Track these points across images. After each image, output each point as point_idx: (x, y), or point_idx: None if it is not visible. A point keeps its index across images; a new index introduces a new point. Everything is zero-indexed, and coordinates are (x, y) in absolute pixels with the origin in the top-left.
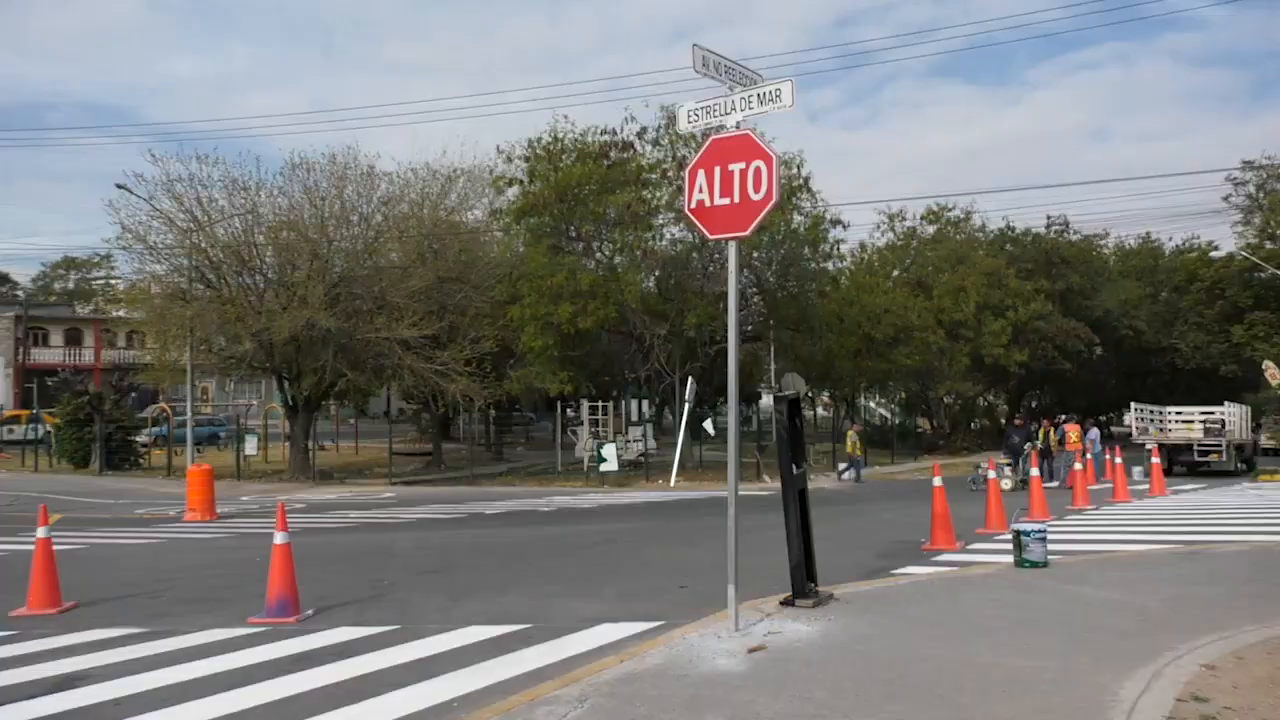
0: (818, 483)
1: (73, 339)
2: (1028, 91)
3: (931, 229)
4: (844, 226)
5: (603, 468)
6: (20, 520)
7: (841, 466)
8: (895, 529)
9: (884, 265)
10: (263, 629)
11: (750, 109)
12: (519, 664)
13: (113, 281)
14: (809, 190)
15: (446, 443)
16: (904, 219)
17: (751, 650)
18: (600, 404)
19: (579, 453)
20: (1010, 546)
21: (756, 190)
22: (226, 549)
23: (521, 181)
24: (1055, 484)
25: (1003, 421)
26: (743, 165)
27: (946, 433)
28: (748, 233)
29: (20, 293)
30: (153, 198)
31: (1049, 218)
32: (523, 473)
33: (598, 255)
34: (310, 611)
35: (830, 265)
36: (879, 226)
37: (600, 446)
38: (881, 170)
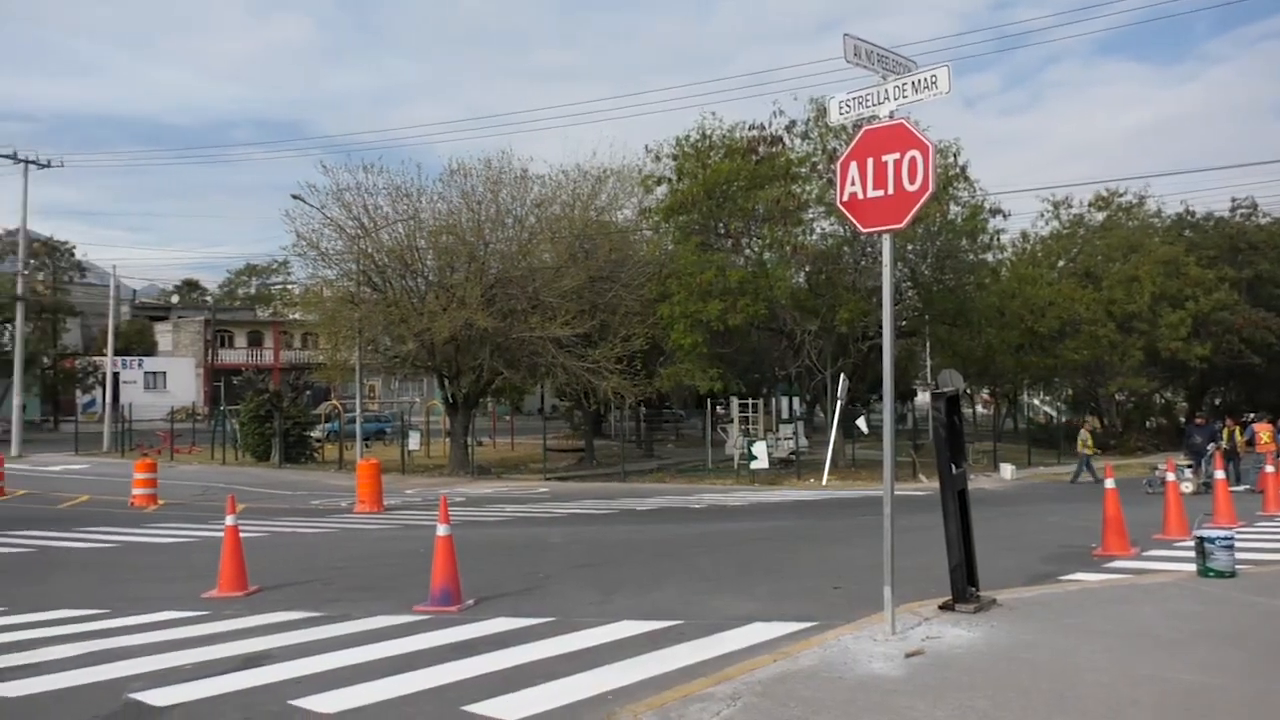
0: (978, 483)
1: (254, 341)
2: (1205, 66)
3: (1101, 216)
4: (1004, 216)
5: (753, 465)
6: (209, 509)
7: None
8: (1062, 533)
9: (1048, 255)
10: (427, 617)
11: (904, 97)
12: (671, 660)
13: (289, 286)
14: (966, 179)
15: (598, 439)
16: (1070, 206)
17: (909, 655)
18: (750, 401)
19: (729, 450)
20: (1192, 554)
21: (912, 181)
22: (393, 539)
23: (670, 180)
24: (1243, 488)
25: (1182, 420)
26: (897, 155)
27: (1118, 432)
28: (903, 225)
29: (209, 299)
30: (324, 206)
31: (1234, 200)
32: (673, 470)
33: (747, 251)
34: (471, 601)
35: (990, 256)
36: (1042, 215)
37: (751, 444)
38: (1044, 156)
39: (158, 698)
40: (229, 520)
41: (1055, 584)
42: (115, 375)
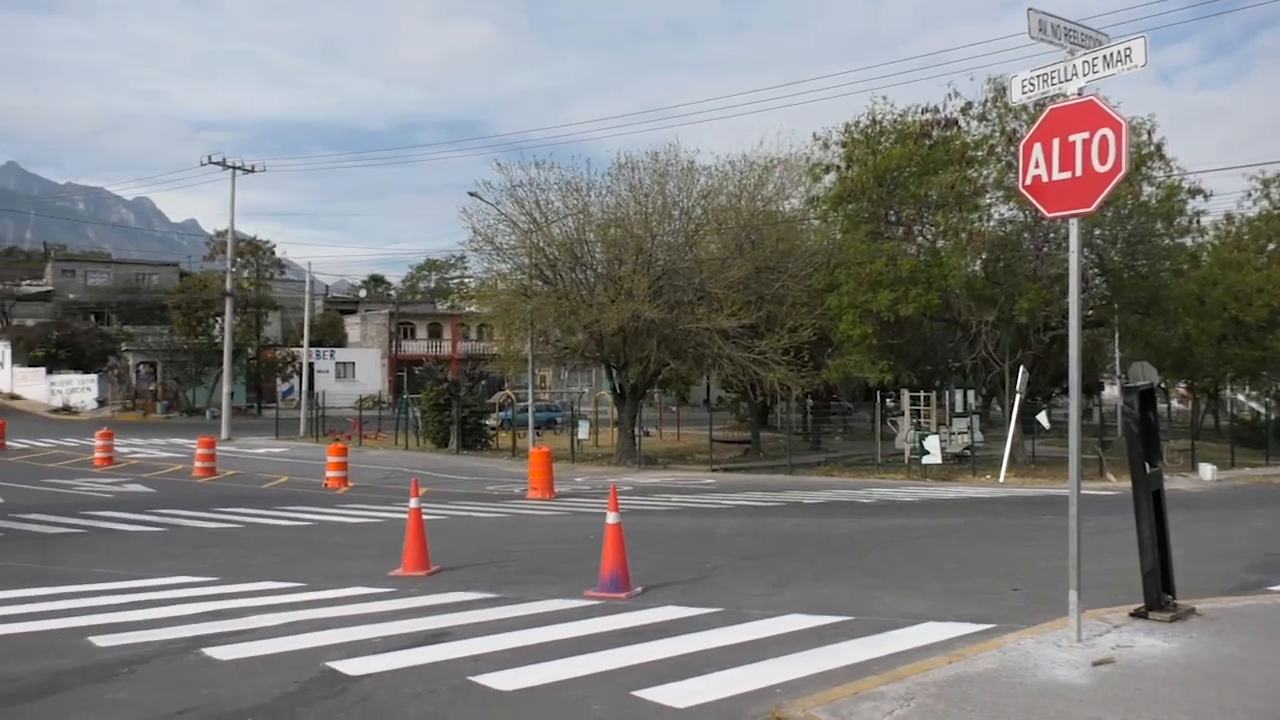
0: (1173, 483)
1: (434, 333)
2: None
3: None
4: (1205, 196)
5: (925, 460)
6: (394, 492)
7: None
8: (1272, 539)
9: (1256, 238)
10: (597, 602)
11: (1094, 73)
12: (840, 656)
13: (466, 280)
14: (1162, 157)
15: (764, 431)
16: None
17: (1097, 663)
18: (921, 394)
19: (899, 444)
20: None
21: (1102, 161)
22: (563, 525)
23: (838, 167)
24: None
25: None
26: (1086, 135)
27: None
28: (1092, 209)
29: (393, 293)
30: (498, 203)
31: None
32: (841, 463)
33: (919, 239)
34: (639, 589)
35: (1188, 240)
36: (1250, 194)
37: (922, 438)
38: (1252, 130)
39: (351, 667)
40: (413, 503)
41: (1264, 594)
42: (310, 365)
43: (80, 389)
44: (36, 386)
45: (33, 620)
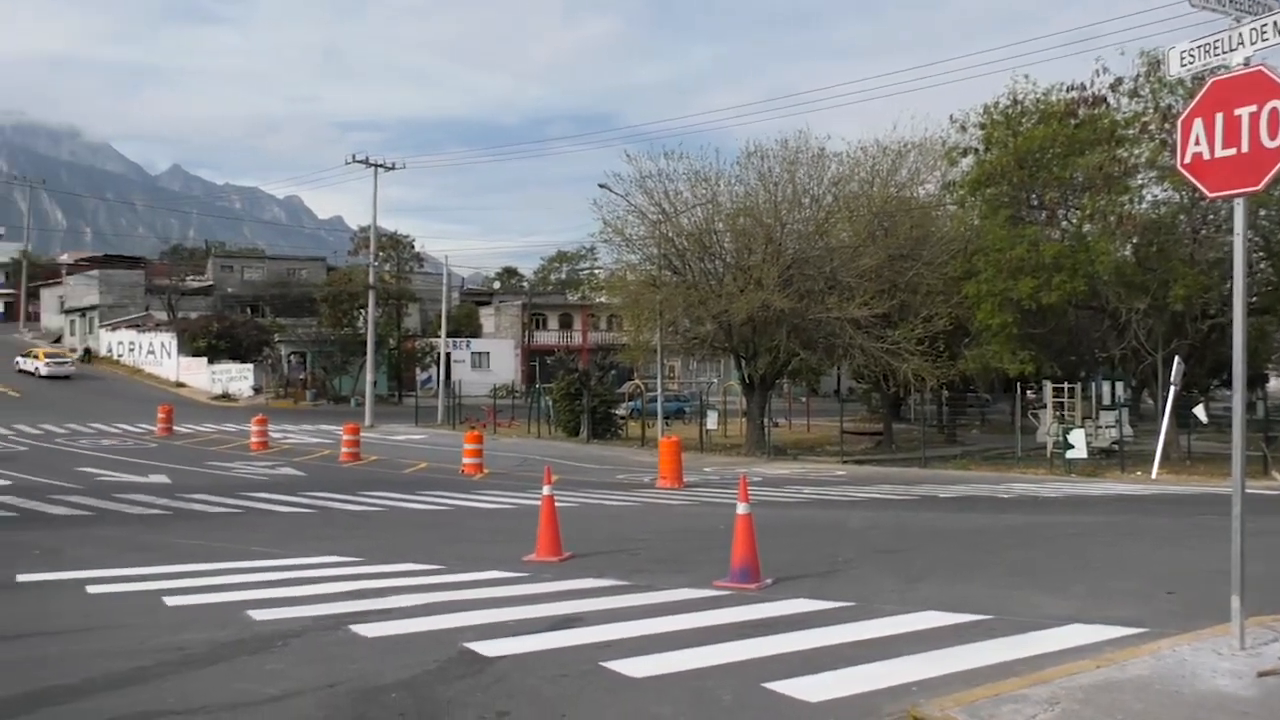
0: None
1: (565, 323)
2: None
3: None
4: None
5: (1069, 455)
6: (527, 479)
7: None
8: None
9: None
10: (727, 593)
11: (1265, 40)
12: (979, 655)
13: (595, 271)
14: None
15: (897, 423)
16: None
17: (1263, 674)
18: (1065, 385)
19: (1040, 438)
20: None
21: (1272, 136)
22: (693, 515)
23: (976, 150)
24: None
25: None
26: (1253, 108)
27: None
28: (1260, 188)
29: (525, 285)
30: (628, 194)
31: None
32: (978, 457)
33: (1063, 224)
34: (769, 580)
35: None
36: None
37: (1067, 432)
38: None
39: (487, 649)
40: (546, 490)
41: None
42: (448, 355)
43: (238, 377)
44: (199, 375)
45: (197, 594)
